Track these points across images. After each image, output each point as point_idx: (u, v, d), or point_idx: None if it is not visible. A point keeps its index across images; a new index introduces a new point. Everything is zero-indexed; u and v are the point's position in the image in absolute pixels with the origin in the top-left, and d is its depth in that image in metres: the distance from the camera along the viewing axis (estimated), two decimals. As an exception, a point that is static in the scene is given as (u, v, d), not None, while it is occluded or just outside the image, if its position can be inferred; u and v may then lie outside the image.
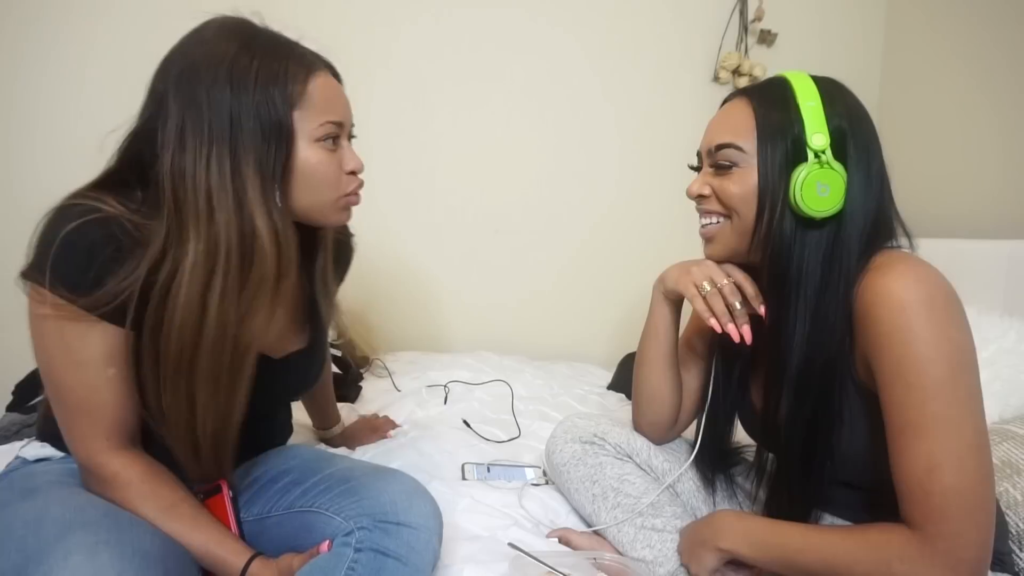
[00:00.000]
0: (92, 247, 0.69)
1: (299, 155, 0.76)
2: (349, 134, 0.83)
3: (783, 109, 0.77)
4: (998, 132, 1.73)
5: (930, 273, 0.70)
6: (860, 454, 0.76)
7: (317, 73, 0.77)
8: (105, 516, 0.68)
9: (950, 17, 1.91)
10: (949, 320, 0.68)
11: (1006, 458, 1.03)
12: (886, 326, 0.68)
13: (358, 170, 0.82)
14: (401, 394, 1.58)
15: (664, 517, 0.91)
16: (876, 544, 0.69)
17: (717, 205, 0.82)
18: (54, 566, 0.61)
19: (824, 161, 0.73)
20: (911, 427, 0.67)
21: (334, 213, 0.83)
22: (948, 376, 0.66)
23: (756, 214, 0.78)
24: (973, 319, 1.50)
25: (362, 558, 0.72)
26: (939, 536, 0.65)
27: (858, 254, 0.74)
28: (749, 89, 0.83)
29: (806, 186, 0.73)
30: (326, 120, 0.76)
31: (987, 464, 0.67)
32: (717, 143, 0.80)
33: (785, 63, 2.10)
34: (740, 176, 0.78)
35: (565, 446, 1.03)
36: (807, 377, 0.76)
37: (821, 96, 0.76)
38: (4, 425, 1.23)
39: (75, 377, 0.73)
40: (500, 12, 1.98)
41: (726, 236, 0.82)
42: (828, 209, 0.73)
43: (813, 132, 0.74)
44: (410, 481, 0.82)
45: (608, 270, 2.12)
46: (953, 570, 0.64)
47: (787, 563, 0.75)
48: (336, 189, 0.80)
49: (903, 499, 0.68)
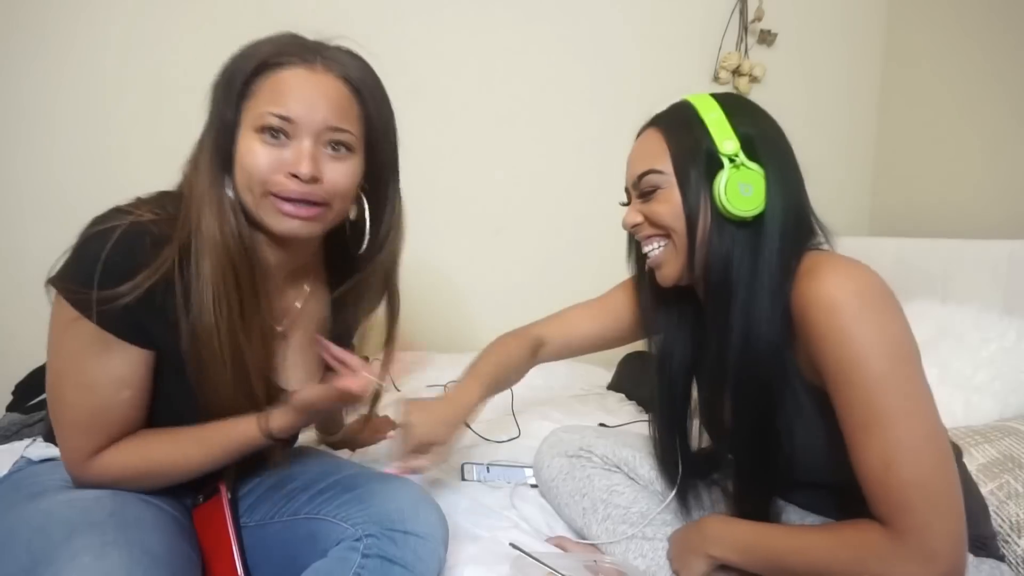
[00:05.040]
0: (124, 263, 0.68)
1: (238, 145, 0.74)
2: (327, 140, 0.74)
3: (689, 127, 0.80)
4: (998, 131, 1.73)
5: (858, 270, 0.71)
6: (821, 454, 0.77)
7: (287, 67, 0.73)
8: (111, 516, 0.68)
9: (950, 17, 1.91)
10: (882, 314, 0.68)
11: (1008, 453, 1.04)
12: (822, 328, 0.69)
13: (301, 175, 0.71)
14: (401, 394, 1.58)
15: (655, 526, 0.92)
16: (851, 543, 0.70)
17: (651, 229, 0.84)
18: (63, 567, 0.61)
19: (740, 163, 0.76)
20: (861, 426, 0.68)
21: (268, 214, 0.74)
22: (888, 369, 0.67)
23: (688, 226, 0.79)
24: (973, 319, 1.50)
25: (369, 564, 0.72)
26: (907, 530, 0.65)
27: (783, 251, 0.76)
28: (656, 118, 0.87)
29: (729, 189, 0.75)
30: (267, 111, 0.72)
31: (942, 451, 0.67)
32: (638, 173, 0.84)
33: (785, 63, 2.10)
34: (664, 196, 0.81)
35: (552, 461, 1.03)
36: (746, 374, 0.78)
37: (722, 108, 0.79)
38: (4, 425, 1.23)
39: (77, 397, 0.72)
40: (500, 12, 1.98)
41: (672, 257, 0.83)
42: (754, 208, 0.75)
43: (722, 139, 0.77)
44: (416, 489, 0.82)
45: (609, 271, 2.11)
46: (929, 561, 0.65)
47: (774, 566, 0.76)
48: (261, 184, 0.72)
49: (868, 496, 0.69)
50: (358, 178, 0.79)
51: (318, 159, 0.73)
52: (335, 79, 0.75)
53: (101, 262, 0.67)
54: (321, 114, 0.73)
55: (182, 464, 0.77)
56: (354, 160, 0.78)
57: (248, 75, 0.73)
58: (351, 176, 0.77)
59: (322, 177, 0.74)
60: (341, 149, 0.76)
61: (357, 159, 0.78)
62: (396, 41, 1.91)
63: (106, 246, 0.67)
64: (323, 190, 0.74)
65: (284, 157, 0.72)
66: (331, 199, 0.76)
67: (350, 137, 0.76)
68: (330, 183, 0.75)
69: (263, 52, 0.74)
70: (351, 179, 0.77)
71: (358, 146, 0.78)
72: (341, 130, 0.75)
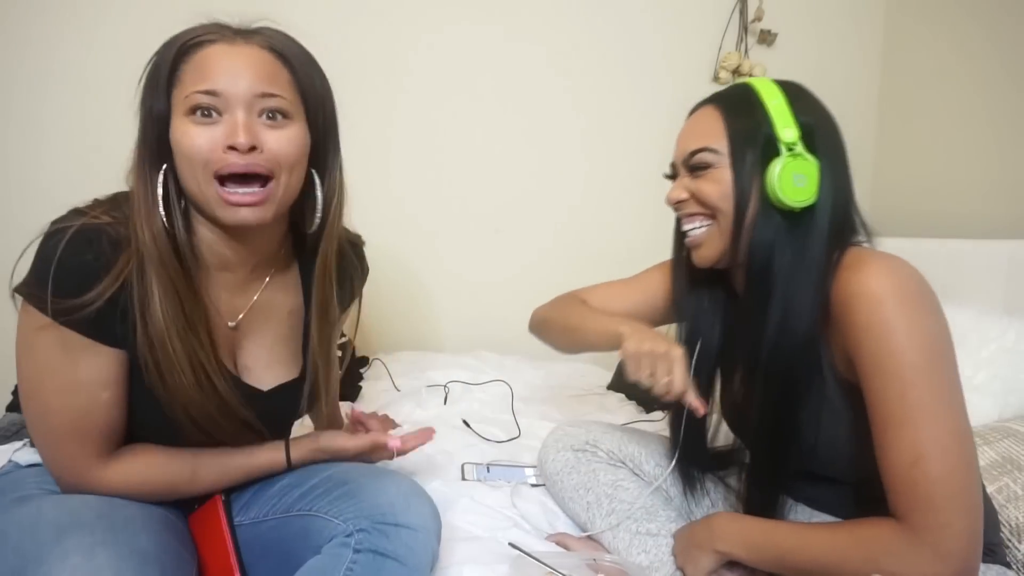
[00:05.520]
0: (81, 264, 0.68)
1: (172, 134, 0.71)
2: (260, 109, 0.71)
3: (750, 110, 0.79)
4: (998, 132, 1.73)
5: (903, 266, 0.71)
6: (843, 448, 0.77)
7: (203, 47, 0.72)
8: (99, 518, 0.68)
9: (949, 17, 1.91)
10: (924, 311, 0.69)
11: (1007, 454, 1.03)
12: (864, 319, 0.69)
13: (239, 145, 0.69)
14: (401, 394, 1.59)
15: (659, 522, 0.92)
16: (864, 539, 0.70)
17: (697, 207, 0.83)
18: (53, 567, 0.60)
19: (797, 152, 0.75)
20: (893, 419, 0.68)
21: (216, 207, 0.71)
22: (926, 365, 0.67)
23: (736, 210, 0.79)
24: (973, 319, 1.50)
25: (361, 559, 0.72)
26: (926, 528, 0.65)
27: (828, 245, 0.76)
28: (715, 96, 0.86)
29: (782, 178, 0.74)
30: (193, 90, 0.69)
31: (970, 452, 0.67)
32: (691, 149, 0.83)
33: (785, 63, 2.10)
34: (715, 176, 0.80)
35: (557, 455, 1.03)
36: (779, 364, 0.78)
37: (784, 95, 0.78)
38: (4, 425, 1.23)
39: (61, 401, 0.71)
40: (500, 12, 1.98)
41: (714, 239, 0.82)
42: (805, 200, 0.75)
43: (783, 127, 0.76)
44: (408, 482, 0.81)
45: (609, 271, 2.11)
46: (942, 561, 0.65)
47: (782, 563, 0.76)
48: (203, 165, 0.70)
49: (890, 492, 0.69)
50: (304, 148, 0.76)
51: (252, 128, 0.71)
52: (259, 48, 0.73)
53: (56, 261, 0.66)
54: (247, 82, 0.70)
55: (198, 483, 0.81)
56: (294, 127, 0.74)
57: (171, 62, 0.71)
58: (293, 142, 0.74)
59: (261, 146, 0.71)
60: (277, 116, 0.73)
61: (297, 126, 0.75)
62: (396, 41, 1.92)
63: (60, 245, 0.67)
64: (265, 159, 0.71)
65: (218, 133, 0.70)
66: (275, 169, 0.73)
67: (283, 102, 0.73)
68: (271, 152, 0.72)
69: (182, 38, 0.73)
70: (294, 146, 0.74)
71: (296, 112, 0.75)
72: (271, 95, 0.72)
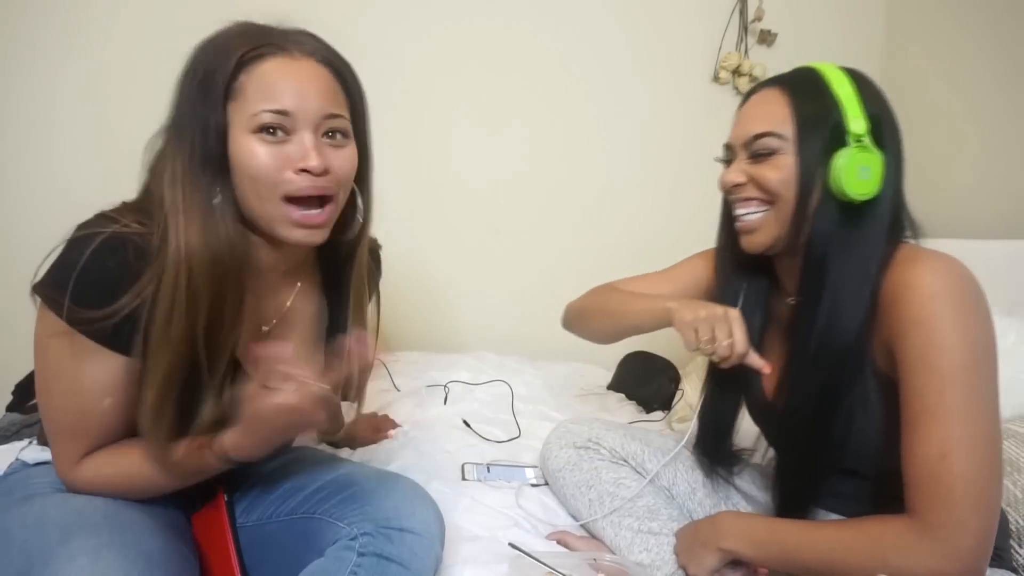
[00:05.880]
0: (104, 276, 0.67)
1: (232, 149, 0.69)
2: (325, 130, 0.72)
3: (819, 96, 0.77)
4: (998, 132, 1.73)
5: (959, 266, 0.72)
6: (872, 442, 0.77)
7: (264, 60, 0.70)
8: (105, 519, 0.68)
9: (950, 17, 1.91)
10: (974, 311, 0.69)
11: (1007, 456, 1.03)
12: (915, 312, 0.69)
13: (313, 169, 0.69)
14: (401, 394, 1.58)
15: (660, 520, 0.92)
16: (872, 535, 0.70)
17: (755, 192, 0.81)
18: (59, 568, 0.60)
19: (865, 144, 0.74)
20: (928, 413, 0.68)
21: (281, 226, 0.72)
22: (969, 364, 0.67)
23: (798, 199, 0.77)
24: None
25: (365, 562, 0.72)
26: (940, 524, 0.65)
27: (885, 239, 0.75)
28: (779, 79, 0.83)
29: (848, 169, 0.73)
30: (260, 109, 0.68)
31: (997, 456, 0.68)
32: (755, 132, 0.80)
33: (785, 63, 2.08)
34: (779, 162, 0.78)
35: (560, 452, 1.03)
36: (824, 355, 0.77)
37: (853, 84, 0.76)
38: (4, 425, 1.23)
39: (64, 402, 0.72)
40: (501, 13, 1.98)
41: (769, 225, 0.81)
42: (868, 193, 0.74)
43: (853, 117, 0.75)
44: (412, 486, 0.81)
45: (609, 270, 2.11)
46: (951, 559, 0.65)
47: (787, 560, 0.76)
48: (273, 187, 0.69)
49: (911, 485, 0.69)
50: (356, 165, 0.77)
51: (323, 150, 0.71)
52: (317, 64, 0.73)
53: (79, 269, 0.65)
54: (315, 103, 0.70)
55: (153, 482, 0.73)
56: (351, 147, 0.76)
57: (229, 75, 0.69)
58: (352, 163, 0.75)
59: (330, 168, 0.72)
60: (338, 136, 0.74)
61: (353, 145, 0.76)
62: (395, 42, 1.92)
63: (86, 254, 0.66)
64: (331, 181, 0.72)
65: (288, 153, 0.70)
66: (339, 190, 0.74)
67: (344, 123, 0.74)
68: (336, 173, 0.73)
69: (237, 46, 0.70)
70: (353, 166, 0.76)
71: (351, 132, 0.76)
72: (336, 116, 0.73)
